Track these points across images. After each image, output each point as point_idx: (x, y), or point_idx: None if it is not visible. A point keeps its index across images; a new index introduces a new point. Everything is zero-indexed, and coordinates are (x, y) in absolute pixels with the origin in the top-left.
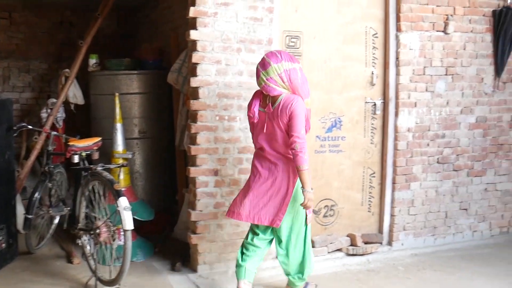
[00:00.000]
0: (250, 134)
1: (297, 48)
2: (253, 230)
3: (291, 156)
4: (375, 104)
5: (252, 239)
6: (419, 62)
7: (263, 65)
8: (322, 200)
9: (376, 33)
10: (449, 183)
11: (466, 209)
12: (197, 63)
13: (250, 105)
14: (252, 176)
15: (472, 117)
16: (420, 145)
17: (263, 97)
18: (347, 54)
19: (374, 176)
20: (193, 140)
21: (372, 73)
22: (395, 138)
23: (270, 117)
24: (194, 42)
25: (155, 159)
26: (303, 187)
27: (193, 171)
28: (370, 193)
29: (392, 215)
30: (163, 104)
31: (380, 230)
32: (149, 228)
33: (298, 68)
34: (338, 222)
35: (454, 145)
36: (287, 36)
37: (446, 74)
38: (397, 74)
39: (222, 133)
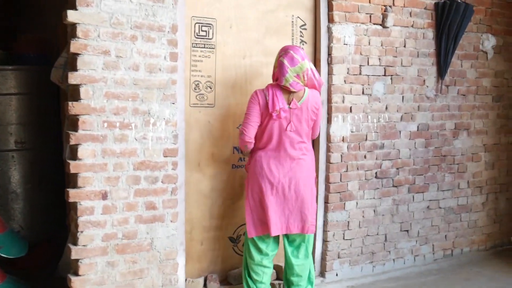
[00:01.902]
0: (149, 146)
1: (209, 38)
2: (260, 249)
3: (312, 153)
4: None
5: (261, 261)
6: (354, 60)
7: (291, 60)
8: (241, 226)
9: (304, 24)
10: (389, 201)
11: (407, 231)
12: (77, 54)
13: (273, 102)
14: (266, 183)
15: (413, 124)
16: (356, 157)
17: (283, 93)
18: (270, 48)
19: None
20: (73, 154)
21: None
22: (328, 149)
23: (297, 114)
24: (73, 26)
25: (37, 175)
26: None
27: (73, 194)
28: None
29: (324, 241)
30: (49, 107)
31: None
32: (27, 263)
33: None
34: None
35: (394, 157)
36: (196, 23)
37: (384, 75)
38: (330, 73)
39: (112, 144)
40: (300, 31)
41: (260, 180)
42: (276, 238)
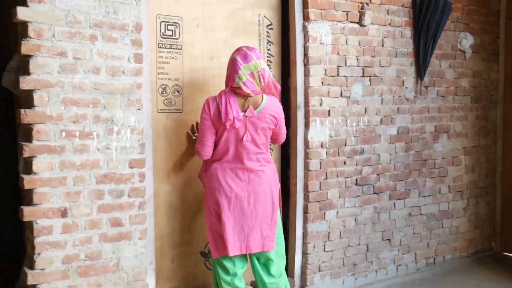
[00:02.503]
0: (113, 156)
1: (176, 38)
2: (226, 269)
3: (272, 164)
4: None
5: (231, 282)
6: (332, 60)
7: (244, 57)
8: None
9: (270, 24)
10: (370, 209)
11: (389, 240)
12: (29, 56)
13: (225, 111)
14: (222, 198)
15: (393, 128)
16: (336, 163)
17: (238, 100)
18: None
19: None
20: (28, 167)
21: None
22: (306, 156)
23: (254, 122)
24: (24, 25)
25: None
26: None
27: (28, 212)
28: None
29: (304, 254)
30: (1, 115)
31: (290, 273)
32: None
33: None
34: None
35: (374, 162)
36: (162, 22)
37: (363, 76)
38: (306, 75)
39: (71, 156)
40: (267, 31)
41: (217, 195)
42: (243, 254)
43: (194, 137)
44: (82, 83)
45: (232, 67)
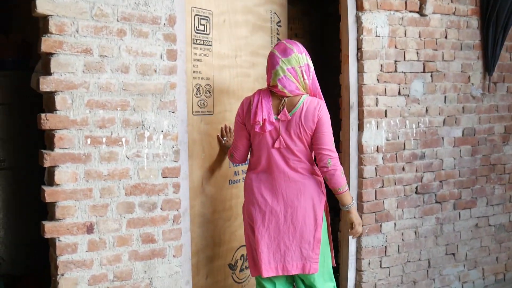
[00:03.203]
0: (144, 165)
1: (207, 34)
2: None
3: (316, 176)
4: None
5: None
6: (388, 55)
7: (283, 51)
8: (239, 248)
9: (279, 21)
10: (432, 220)
11: (453, 254)
12: (50, 53)
13: (255, 112)
14: (256, 212)
15: (457, 129)
16: (393, 170)
17: (273, 100)
18: (255, 47)
19: None
20: (50, 178)
21: None
22: (360, 162)
23: (287, 127)
24: (45, 20)
25: (21, 199)
26: (349, 211)
27: (50, 228)
28: None
29: (358, 271)
30: (32, 119)
31: None
32: None
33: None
34: None
35: (436, 168)
36: (196, 15)
37: (423, 71)
38: (360, 71)
39: (98, 165)
40: (277, 28)
41: (251, 208)
42: (287, 276)
43: (224, 141)
44: (109, 84)
45: (270, 62)
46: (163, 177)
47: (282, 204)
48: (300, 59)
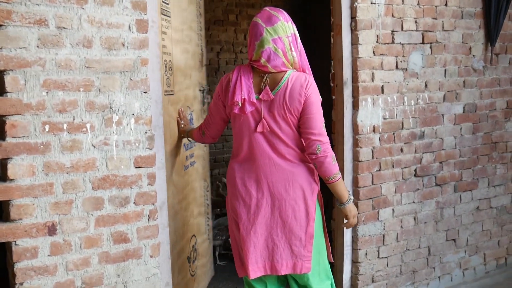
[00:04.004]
0: (113, 154)
1: (167, 3)
2: None
3: (307, 162)
4: None
5: None
6: (385, 24)
7: (268, 19)
8: (192, 237)
9: None
10: (431, 205)
11: (454, 240)
12: None
13: (233, 91)
14: (240, 206)
15: (458, 105)
16: (391, 151)
17: (254, 77)
18: (190, 20)
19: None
20: (3, 173)
21: None
22: (355, 144)
23: (270, 107)
24: None
25: None
26: (341, 201)
27: (4, 231)
28: None
29: (354, 262)
30: None
31: (338, 287)
32: None
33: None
34: None
35: (436, 148)
36: None
37: (422, 43)
38: (354, 43)
39: (59, 155)
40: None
41: (234, 202)
42: (279, 276)
43: (182, 126)
44: (70, 60)
45: (252, 33)
46: (136, 167)
47: (269, 196)
48: (286, 28)
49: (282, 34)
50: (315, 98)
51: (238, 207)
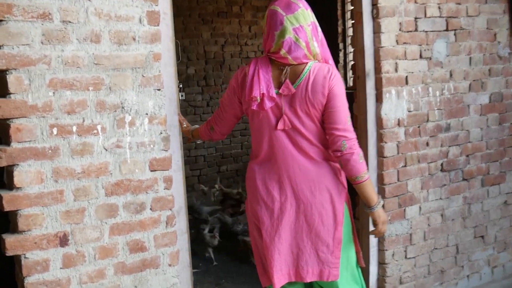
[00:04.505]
0: (127, 157)
1: None
2: None
3: (333, 161)
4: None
5: None
6: (408, 11)
7: (287, 6)
8: None
9: None
10: (459, 201)
11: (482, 236)
12: None
13: (250, 85)
14: (262, 210)
15: (484, 95)
16: (416, 145)
17: (273, 70)
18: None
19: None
20: (9, 180)
21: None
22: (379, 139)
23: (292, 102)
24: None
25: None
26: (368, 205)
27: (13, 243)
28: None
29: (381, 264)
30: None
31: None
32: None
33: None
34: None
35: (462, 141)
36: None
37: (446, 30)
38: (376, 31)
39: (68, 160)
40: None
41: (256, 206)
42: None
43: (185, 126)
44: (77, 57)
45: (271, 22)
46: (151, 171)
47: (293, 199)
48: (307, 16)
49: (304, 22)
50: (340, 90)
51: (260, 211)
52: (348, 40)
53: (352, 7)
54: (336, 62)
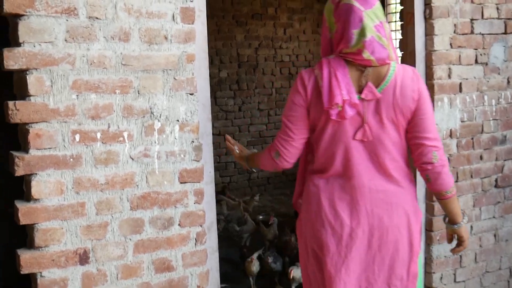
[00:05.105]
0: (155, 167)
1: None
2: None
3: (412, 182)
4: None
5: None
6: (463, 11)
7: (364, 0)
8: None
9: None
10: None
11: None
12: (17, 15)
13: (329, 91)
14: (328, 235)
15: None
16: (469, 159)
17: (350, 72)
18: None
19: None
20: (26, 191)
21: None
22: None
23: (376, 109)
24: None
25: None
26: (456, 221)
27: (28, 260)
28: None
29: None
30: None
31: None
32: None
33: None
34: None
35: None
36: None
37: (505, 33)
38: (428, 33)
39: (91, 170)
40: None
41: (319, 229)
42: None
43: (237, 151)
44: (103, 57)
45: (348, 18)
46: (181, 183)
47: (366, 225)
48: (381, 11)
49: (382, 18)
50: (427, 94)
51: (325, 236)
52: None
53: (402, 7)
54: None
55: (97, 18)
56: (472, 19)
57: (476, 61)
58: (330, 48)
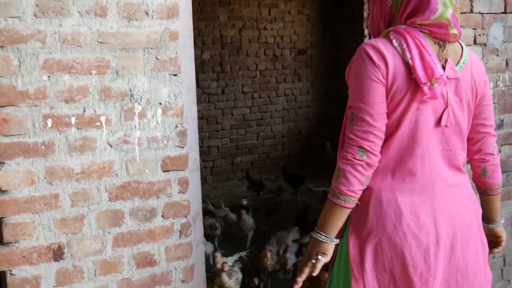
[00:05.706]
0: (135, 154)
1: None
2: None
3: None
4: None
5: None
6: None
7: None
8: None
9: None
10: (509, 207)
11: None
12: None
13: (425, 63)
14: (412, 249)
15: None
16: None
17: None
18: None
19: None
20: None
21: None
22: None
23: (456, 90)
24: None
25: None
26: (497, 219)
27: None
28: None
29: None
30: None
31: None
32: None
33: None
34: None
35: None
36: None
37: (504, 12)
38: None
39: (66, 158)
40: None
41: (400, 242)
42: None
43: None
44: (78, 34)
45: None
46: (164, 171)
47: (449, 225)
48: None
49: None
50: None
51: (410, 251)
52: None
53: None
54: None
55: None
56: None
57: (475, 42)
58: (386, 20)
